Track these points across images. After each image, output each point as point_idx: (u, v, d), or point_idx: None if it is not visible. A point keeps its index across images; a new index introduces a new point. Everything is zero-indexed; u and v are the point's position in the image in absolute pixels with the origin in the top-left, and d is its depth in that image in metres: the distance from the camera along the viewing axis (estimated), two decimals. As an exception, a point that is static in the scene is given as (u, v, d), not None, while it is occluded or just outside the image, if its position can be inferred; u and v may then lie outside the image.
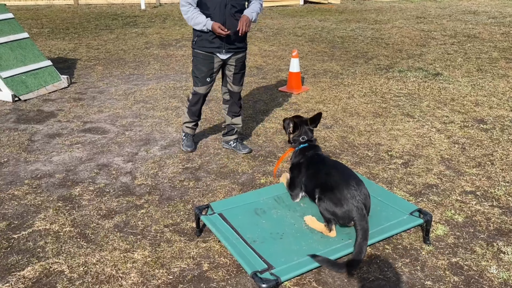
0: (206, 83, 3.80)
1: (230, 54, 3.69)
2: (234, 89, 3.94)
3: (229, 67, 3.78)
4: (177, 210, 3.21)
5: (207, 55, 3.67)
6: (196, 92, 3.88)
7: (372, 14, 11.79)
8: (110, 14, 12.15)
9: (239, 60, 3.77)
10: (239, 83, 3.91)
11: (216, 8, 3.49)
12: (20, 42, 5.82)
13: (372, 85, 5.93)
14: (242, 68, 3.86)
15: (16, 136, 4.44)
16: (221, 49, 3.62)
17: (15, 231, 2.95)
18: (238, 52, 3.73)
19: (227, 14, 3.51)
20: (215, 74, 3.79)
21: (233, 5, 3.50)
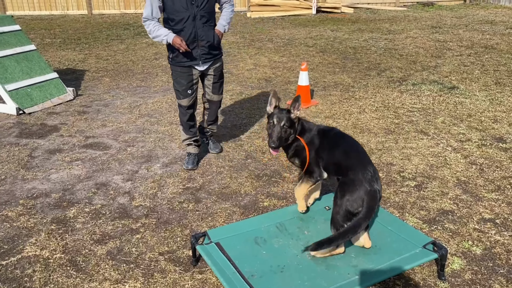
0: (187, 95, 3.80)
1: (207, 64, 3.75)
2: (213, 98, 3.99)
3: (208, 77, 3.84)
4: (174, 235, 3.04)
5: (185, 69, 3.70)
6: (180, 104, 3.87)
7: (386, 23, 11.56)
8: (122, 24, 12.16)
9: (217, 69, 3.85)
10: (218, 91, 3.97)
11: (187, 22, 3.52)
12: (26, 55, 5.77)
13: (384, 99, 5.71)
14: (221, 77, 3.93)
15: (17, 152, 4.34)
16: (198, 61, 3.67)
17: (3, 257, 2.82)
18: (215, 61, 3.79)
19: (198, 25, 3.56)
20: (195, 85, 3.82)
21: (202, 15, 3.55)
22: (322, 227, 2.86)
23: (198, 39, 3.58)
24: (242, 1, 14.22)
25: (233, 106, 5.59)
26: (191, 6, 3.50)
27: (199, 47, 3.61)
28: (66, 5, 13.83)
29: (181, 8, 3.49)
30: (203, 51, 3.64)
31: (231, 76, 6.97)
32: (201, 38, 3.58)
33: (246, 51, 8.69)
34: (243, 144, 4.47)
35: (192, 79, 3.75)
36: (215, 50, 3.74)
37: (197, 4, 3.51)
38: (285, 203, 3.40)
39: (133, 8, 14.00)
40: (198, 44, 3.60)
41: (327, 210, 3.02)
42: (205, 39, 3.60)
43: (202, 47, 3.62)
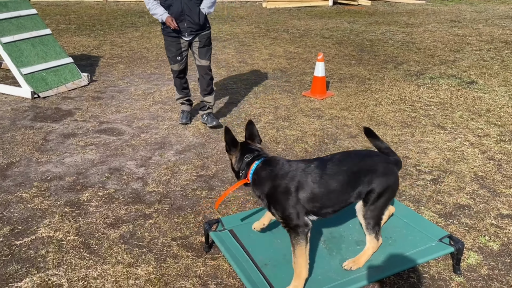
0: (177, 61, 4.35)
1: (192, 35, 4.23)
2: (201, 63, 4.38)
3: (195, 43, 4.29)
4: (186, 221, 3.03)
5: (174, 38, 4.23)
6: (172, 69, 4.45)
7: (404, 17, 11.37)
8: (137, 11, 12.15)
9: (203, 37, 4.27)
10: (205, 56, 4.36)
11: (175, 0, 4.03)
12: (42, 39, 5.79)
13: (401, 92, 5.62)
14: (207, 44, 4.33)
15: (31, 135, 4.37)
16: (184, 33, 4.19)
17: (18, 237, 2.83)
18: (200, 33, 4.24)
19: (184, 2, 4.04)
20: (184, 53, 4.33)
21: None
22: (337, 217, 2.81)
23: (184, 14, 4.09)
24: (258, -9, 14.10)
25: (248, 96, 5.55)
26: None
27: (185, 21, 4.12)
28: (82, -8, 13.85)
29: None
30: (189, 25, 4.15)
31: (246, 65, 6.92)
32: (187, 13, 4.09)
33: (261, 41, 8.62)
34: (257, 134, 4.44)
35: (181, 47, 4.28)
36: (200, 25, 4.19)
37: None
38: (299, 193, 3.36)
39: (149, -4, 13.96)
40: (184, 18, 4.11)
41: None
42: (190, 15, 4.10)
43: (188, 21, 4.13)
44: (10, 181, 3.51)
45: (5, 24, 5.49)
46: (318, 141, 4.27)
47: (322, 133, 4.45)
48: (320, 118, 4.84)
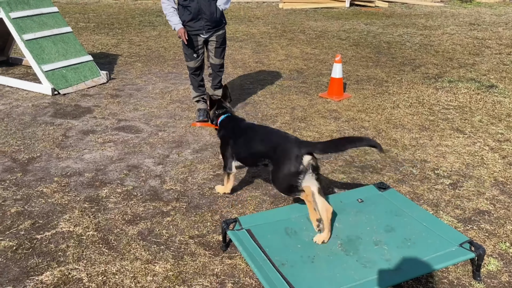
0: (193, 58, 4.49)
1: (210, 33, 4.38)
2: (215, 62, 4.57)
3: (211, 43, 4.46)
4: (204, 220, 3.05)
5: (191, 36, 4.35)
6: (188, 66, 4.60)
7: (422, 19, 11.26)
8: (154, 10, 12.25)
9: (219, 36, 4.45)
10: (220, 56, 4.56)
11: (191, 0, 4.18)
12: (63, 36, 5.87)
13: (419, 95, 5.57)
14: (223, 44, 4.52)
15: (52, 131, 4.44)
16: (202, 30, 4.33)
17: (38, 231, 2.88)
18: (217, 30, 4.41)
19: (201, 1, 4.19)
20: (200, 50, 4.47)
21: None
22: (354, 219, 2.81)
23: (202, 13, 4.23)
24: (274, -8, 14.09)
25: (264, 97, 5.55)
26: None
27: (202, 20, 4.27)
28: (101, -10, 14.00)
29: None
30: (206, 23, 4.29)
31: (262, 66, 6.93)
32: (204, 12, 4.23)
33: (277, 41, 8.62)
34: (273, 134, 4.44)
35: (198, 45, 4.42)
36: (217, 22, 4.35)
37: None
38: (316, 195, 3.36)
39: (166, -4, 14.06)
40: (202, 17, 4.26)
41: (359, 203, 2.97)
42: (207, 13, 4.25)
43: (205, 19, 4.27)
44: (31, 176, 3.57)
45: (27, 21, 5.59)
46: (335, 143, 4.25)
47: (339, 135, 4.43)
48: (337, 119, 4.82)
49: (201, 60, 4.55)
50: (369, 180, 3.58)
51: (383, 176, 3.64)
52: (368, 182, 3.54)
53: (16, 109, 4.98)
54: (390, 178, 3.61)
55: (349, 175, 3.67)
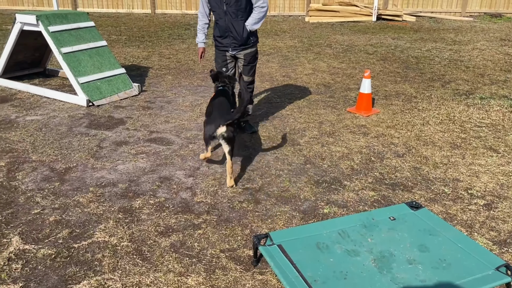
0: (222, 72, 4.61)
1: (237, 50, 4.47)
2: (244, 78, 4.58)
3: (240, 60, 4.56)
4: (234, 234, 3.09)
5: (221, 51, 4.55)
6: None
7: (451, 34, 11.13)
8: (183, 23, 12.51)
9: (248, 54, 4.50)
10: (248, 73, 4.60)
11: (221, 15, 4.35)
12: (98, 50, 6.07)
13: (449, 112, 5.50)
14: (251, 62, 4.57)
15: (87, 141, 4.58)
16: (228, 47, 4.47)
17: (76, 240, 2.98)
18: (245, 48, 4.47)
19: (228, 19, 4.32)
20: (229, 65, 4.59)
21: (232, 11, 4.29)
22: (387, 235, 2.80)
23: (228, 31, 4.36)
24: (301, 6, 14.22)
25: (292, 110, 5.59)
26: (222, 4, 4.29)
27: (229, 37, 4.39)
28: (132, 3, 14.42)
29: (216, 4, 4.34)
30: (232, 40, 4.40)
31: (289, 80, 6.98)
32: (231, 30, 4.35)
33: (304, 55, 8.67)
34: (302, 149, 4.46)
35: (226, 60, 4.57)
36: (244, 41, 4.40)
37: (227, 2, 4.26)
38: (346, 212, 3.36)
39: (194, 9, 14.36)
40: (229, 34, 4.38)
41: (391, 220, 2.96)
42: (234, 32, 4.35)
43: (231, 37, 4.38)
44: (68, 185, 3.69)
45: (65, 35, 5.81)
46: (365, 159, 4.24)
47: (368, 151, 4.42)
48: (366, 135, 4.81)
49: (231, 74, 4.63)
50: (400, 198, 3.55)
51: (414, 194, 3.61)
52: (399, 200, 3.51)
53: (53, 119, 5.16)
54: (421, 196, 3.57)
55: (379, 192, 3.65)
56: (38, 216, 3.25)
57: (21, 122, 5.06)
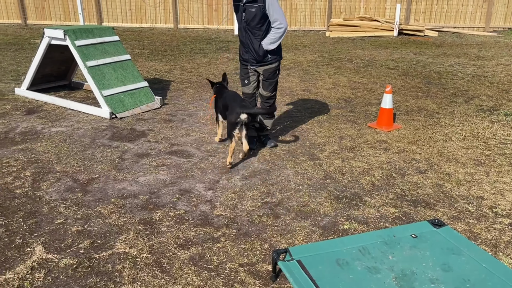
0: (244, 84, 4.75)
1: (256, 66, 4.58)
2: (263, 93, 4.73)
3: (261, 75, 4.65)
4: (253, 248, 3.08)
5: (243, 64, 4.69)
6: (243, 92, 4.82)
7: (474, 49, 11.00)
8: (205, 38, 12.71)
9: (267, 71, 4.58)
10: (267, 89, 4.68)
11: (242, 31, 4.52)
12: (122, 63, 6.21)
13: (473, 128, 5.41)
14: (270, 78, 4.62)
15: (109, 153, 4.66)
16: (248, 62, 4.60)
17: (97, 251, 3.02)
18: (263, 65, 4.56)
19: (247, 36, 4.46)
20: (251, 78, 4.68)
21: (250, 29, 4.42)
22: (408, 253, 2.74)
23: (248, 47, 4.51)
24: (322, 21, 14.29)
25: (312, 125, 5.59)
26: (242, 21, 4.45)
27: (249, 53, 4.53)
28: (155, 18, 14.76)
29: (238, 20, 4.52)
30: (251, 56, 4.53)
31: (310, 94, 6.99)
32: (249, 47, 4.50)
33: (325, 70, 8.68)
34: (322, 164, 4.44)
35: (248, 73, 4.67)
36: (261, 58, 4.51)
37: (245, 20, 4.40)
38: (366, 228, 3.32)
39: (216, 24, 14.59)
40: (248, 50, 4.53)
41: (413, 238, 2.90)
42: (251, 48, 4.50)
43: (251, 53, 4.52)
44: (90, 196, 3.76)
45: (90, 49, 5.97)
46: (386, 175, 4.19)
47: (389, 167, 4.37)
48: (387, 150, 4.76)
49: (253, 87, 4.73)
50: (422, 215, 3.49)
51: (436, 212, 3.54)
52: (421, 217, 3.45)
53: (77, 131, 5.28)
54: (444, 214, 3.50)
55: (401, 209, 3.59)
56: (61, 226, 3.31)
57: (46, 133, 5.19)
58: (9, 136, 5.11)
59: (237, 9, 4.45)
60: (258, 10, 4.29)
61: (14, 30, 13.82)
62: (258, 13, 4.29)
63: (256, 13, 4.29)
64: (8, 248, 3.04)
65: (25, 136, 5.11)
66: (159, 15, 14.68)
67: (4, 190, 3.85)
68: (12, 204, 3.62)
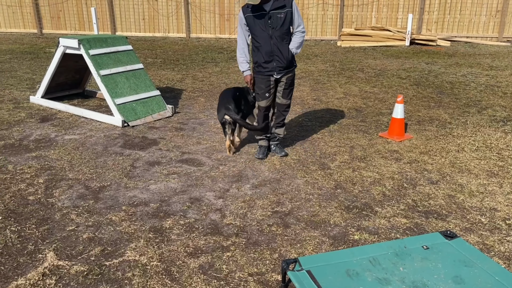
0: (265, 97, 4.63)
1: (281, 74, 4.53)
2: (282, 102, 4.72)
3: (281, 84, 4.61)
4: (263, 258, 3.07)
5: (265, 76, 4.55)
6: (259, 106, 4.71)
7: (487, 59, 10.90)
8: (217, 47, 12.82)
9: (289, 78, 4.59)
10: (287, 97, 4.70)
11: (265, 40, 4.39)
12: (135, 72, 6.29)
13: (486, 139, 5.35)
14: (291, 85, 4.66)
15: (121, 161, 4.70)
16: (274, 71, 4.49)
17: (107, 258, 3.03)
18: (288, 72, 4.55)
19: (274, 43, 4.38)
20: (272, 90, 4.62)
21: (278, 35, 4.38)
22: (420, 265, 2.71)
23: (275, 54, 4.41)
24: (333, 30, 14.32)
25: (322, 134, 5.58)
26: (268, 28, 4.35)
27: (275, 61, 4.43)
28: (168, 28, 14.94)
29: (260, 29, 4.37)
30: (278, 64, 4.45)
31: (321, 103, 6.98)
32: (276, 53, 4.41)
33: (336, 79, 8.68)
34: (332, 173, 4.43)
35: (270, 85, 4.57)
36: (288, 64, 4.50)
37: (273, 26, 4.34)
38: (377, 239, 3.29)
39: (228, 34, 14.71)
40: (274, 58, 4.43)
41: (424, 249, 2.87)
42: (279, 55, 4.42)
43: (277, 61, 4.43)
44: (102, 203, 3.79)
45: (104, 58, 6.06)
46: (397, 185, 4.16)
47: (400, 177, 4.34)
48: (398, 161, 4.73)
49: (271, 99, 4.69)
50: (433, 226, 3.45)
51: (448, 223, 3.50)
52: (433, 229, 3.41)
53: (90, 139, 5.35)
54: (456, 226, 3.46)
55: (412, 220, 3.56)
56: (73, 233, 3.34)
57: (60, 141, 5.26)
58: (24, 143, 5.20)
59: (260, 17, 4.32)
60: (286, 15, 4.34)
61: (30, 39, 14.10)
62: (287, 18, 4.35)
63: (285, 19, 4.34)
64: (21, 254, 3.08)
65: (39, 143, 5.19)
66: (172, 24, 14.86)
67: (17, 197, 3.91)
68: (25, 210, 3.67)
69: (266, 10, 4.32)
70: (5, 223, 3.48)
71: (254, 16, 4.36)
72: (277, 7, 4.32)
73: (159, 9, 14.72)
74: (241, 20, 4.45)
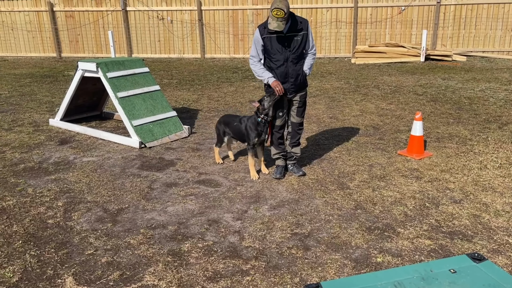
0: (279, 117, 4.71)
1: (293, 94, 4.60)
2: (296, 120, 4.76)
3: (294, 102, 4.67)
4: (283, 282, 3.00)
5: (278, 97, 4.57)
6: (274, 125, 4.77)
7: (505, 73, 10.75)
8: (231, 67, 12.92)
9: (302, 97, 4.67)
10: (301, 115, 4.76)
11: (281, 61, 4.44)
12: (152, 94, 6.36)
13: (509, 156, 5.21)
14: (304, 104, 4.73)
15: (139, 183, 4.71)
16: (287, 92, 4.56)
17: (126, 283, 3.00)
18: (300, 91, 4.62)
19: (289, 65, 4.45)
20: (285, 109, 4.69)
21: (294, 57, 4.44)
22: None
23: (288, 76, 4.48)
24: (347, 48, 14.34)
25: (340, 153, 5.51)
26: (285, 50, 4.40)
27: (288, 82, 4.51)
28: (183, 49, 15.15)
29: (277, 51, 4.42)
30: (291, 85, 4.53)
31: (337, 121, 6.93)
32: (291, 75, 4.49)
33: (351, 97, 8.64)
34: (352, 193, 4.35)
35: (284, 104, 4.64)
36: (301, 84, 4.59)
37: (290, 49, 4.40)
38: (401, 262, 3.19)
39: (242, 53, 14.85)
40: (288, 80, 4.50)
41: (452, 273, 2.76)
42: (293, 77, 4.50)
43: (291, 82, 4.51)
44: (120, 226, 3.78)
45: (121, 80, 6.14)
46: (419, 205, 4.06)
47: (422, 196, 4.24)
48: (419, 179, 4.63)
49: (285, 118, 4.75)
50: (459, 248, 3.34)
51: (475, 244, 3.38)
52: (458, 250, 3.30)
53: (107, 160, 5.38)
54: (483, 247, 3.34)
55: (436, 241, 3.45)
56: (91, 257, 3.32)
57: (78, 163, 5.31)
58: (43, 166, 5.25)
59: (278, 39, 4.34)
60: (302, 38, 4.41)
61: (50, 63, 14.44)
62: (303, 41, 4.42)
63: (301, 42, 4.41)
64: (40, 280, 3.07)
65: (58, 166, 5.24)
66: (187, 46, 15.08)
67: (37, 220, 3.92)
68: (45, 234, 3.68)
69: (283, 33, 4.33)
70: (24, 247, 3.48)
71: (271, 38, 4.38)
72: (294, 30, 4.36)
73: (174, 31, 14.97)
74: (257, 41, 4.46)
